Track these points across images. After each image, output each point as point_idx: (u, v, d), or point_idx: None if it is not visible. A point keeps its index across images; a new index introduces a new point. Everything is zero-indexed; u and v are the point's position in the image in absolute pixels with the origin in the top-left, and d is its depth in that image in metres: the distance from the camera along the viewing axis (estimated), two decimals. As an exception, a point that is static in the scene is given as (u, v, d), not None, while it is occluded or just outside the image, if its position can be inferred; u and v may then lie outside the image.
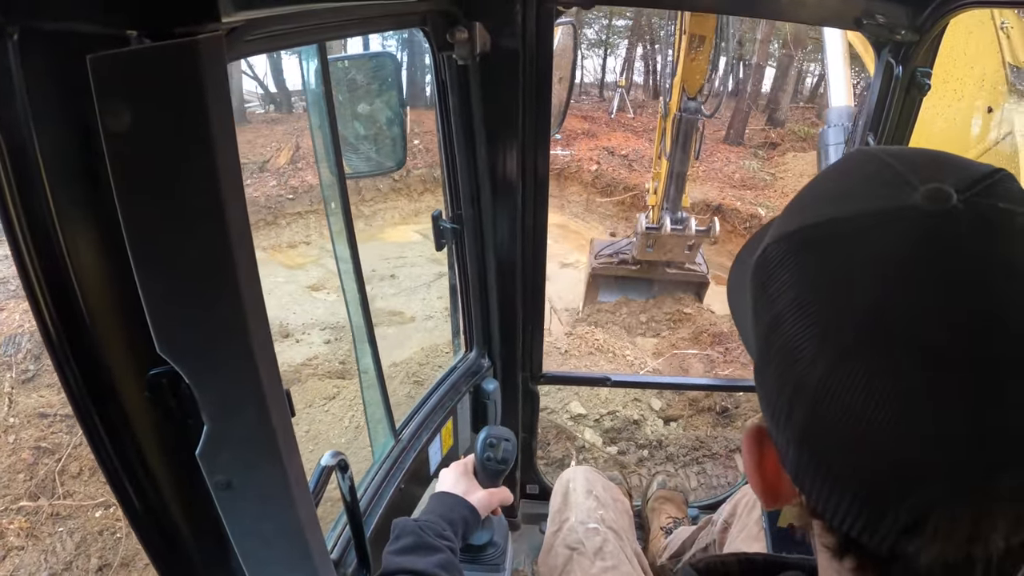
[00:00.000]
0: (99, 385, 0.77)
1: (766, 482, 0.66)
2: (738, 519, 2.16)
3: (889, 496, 0.53)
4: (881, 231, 0.54)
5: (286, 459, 0.89)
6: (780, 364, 0.58)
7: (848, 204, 0.58)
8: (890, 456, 0.51)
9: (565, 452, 5.09)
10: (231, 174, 0.70)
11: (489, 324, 2.57)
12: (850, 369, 0.53)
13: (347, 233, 1.77)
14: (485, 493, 1.73)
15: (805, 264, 0.58)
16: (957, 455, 0.50)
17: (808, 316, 0.56)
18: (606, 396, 5.56)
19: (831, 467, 0.56)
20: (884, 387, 0.51)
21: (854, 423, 0.52)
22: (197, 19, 0.66)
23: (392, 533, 1.53)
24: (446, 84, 1.95)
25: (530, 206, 2.31)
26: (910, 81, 2.18)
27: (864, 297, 0.53)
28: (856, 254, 0.55)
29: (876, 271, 0.53)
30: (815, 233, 0.59)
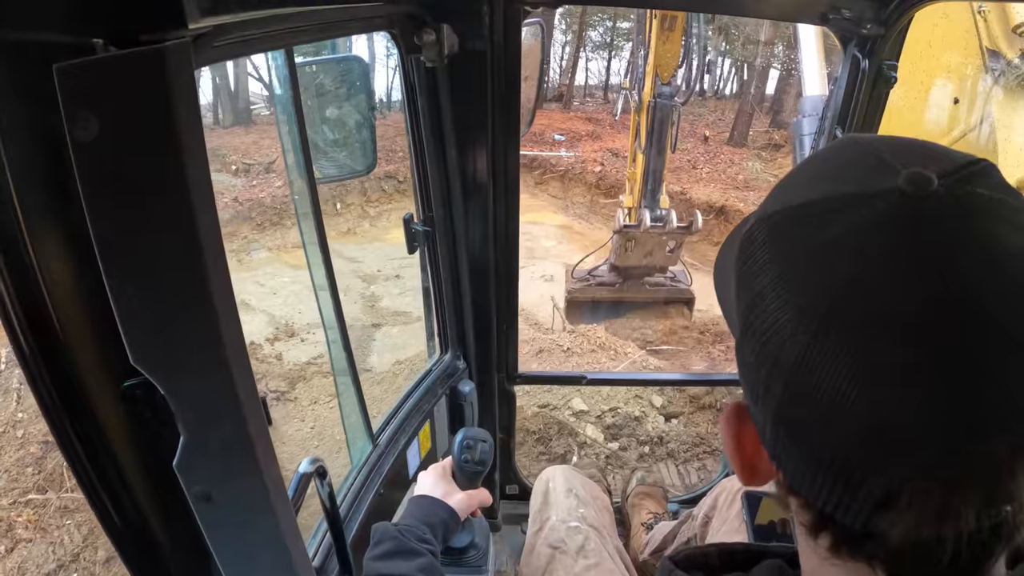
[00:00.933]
0: (73, 398, 0.76)
1: (745, 459, 0.68)
2: (719, 513, 2.17)
3: (863, 470, 0.54)
4: (860, 211, 0.56)
5: (264, 468, 0.88)
6: (759, 340, 0.60)
7: (830, 186, 0.59)
8: (863, 430, 0.53)
9: (567, 448, 5.13)
10: (201, 182, 0.69)
11: (463, 325, 2.56)
12: (825, 344, 0.54)
13: (319, 238, 1.76)
14: (464, 495, 1.73)
15: (786, 242, 0.60)
16: (929, 429, 0.51)
17: (786, 293, 0.58)
18: (607, 393, 5.62)
19: (807, 442, 0.57)
20: (858, 361, 0.53)
21: (829, 397, 0.54)
22: (163, 26, 0.65)
23: (372, 538, 1.53)
24: (415, 86, 1.94)
25: (501, 206, 2.31)
26: (877, 74, 2.21)
27: (841, 274, 0.54)
28: (835, 233, 0.56)
29: (854, 249, 0.54)
30: (796, 213, 0.60)
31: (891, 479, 0.53)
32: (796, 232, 0.59)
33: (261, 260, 12.96)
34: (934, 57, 4.36)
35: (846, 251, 0.55)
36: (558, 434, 5.24)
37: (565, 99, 27.34)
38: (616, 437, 5.32)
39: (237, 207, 13.72)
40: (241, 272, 12.24)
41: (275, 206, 14.08)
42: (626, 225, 8.86)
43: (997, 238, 0.53)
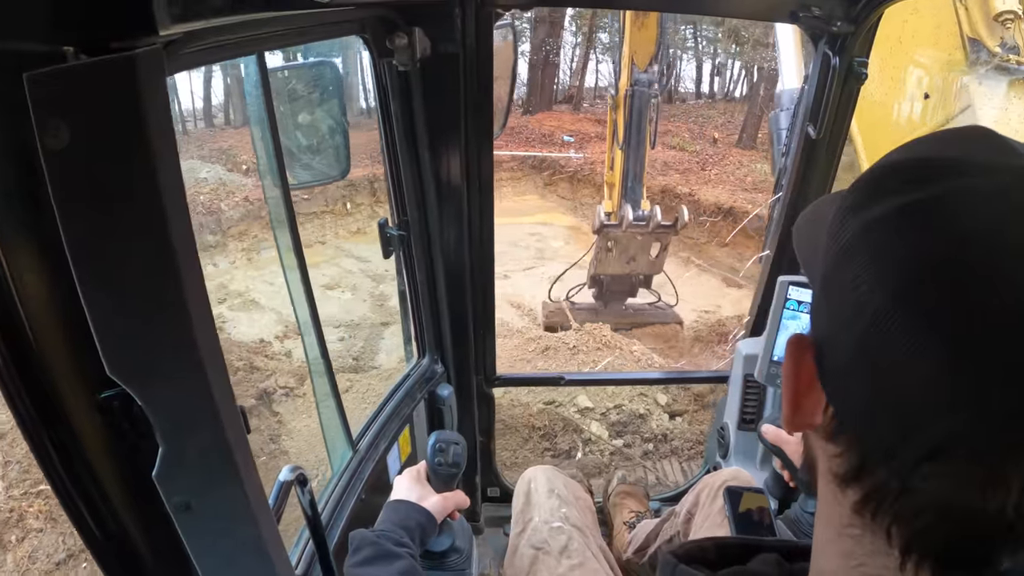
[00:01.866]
0: (50, 410, 0.75)
1: (797, 393, 0.67)
2: (701, 508, 2.18)
3: (925, 415, 0.54)
4: (992, 176, 0.56)
5: (244, 476, 0.88)
6: (858, 266, 0.59)
7: (964, 149, 0.60)
8: (939, 376, 0.53)
9: (572, 444, 5.17)
10: (173, 188, 0.69)
11: (440, 329, 2.56)
12: (924, 294, 0.54)
13: (294, 245, 1.75)
14: (439, 497, 1.74)
15: (911, 185, 0.59)
16: (1001, 392, 0.51)
17: (901, 233, 0.57)
18: (613, 391, 5.63)
19: (879, 375, 0.57)
20: (948, 324, 0.52)
21: (913, 352, 0.53)
22: (134, 33, 0.65)
23: (350, 546, 1.53)
24: (387, 90, 1.94)
25: (476, 208, 2.31)
26: (847, 71, 2.24)
27: (955, 235, 0.54)
28: (960, 187, 0.56)
29: (974, 215, 0.54)
30: (931, 164, 0.60)
31: (949, 430, 0.53)
32: (919, 178, 0.59)
33: (270, 259, 12.87)
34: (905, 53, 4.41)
35: (964, 211, 0.55)
36: (563, 430, 5.29)
37: (575, 101, 27.23)
38: (621, 434, 5.36)
39: (248, 206, 13.66)
40: (251, 271, 12.21)
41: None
42: (606, 224, 8.29)
43: None
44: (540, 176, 19.83)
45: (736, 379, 2.86)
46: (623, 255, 8.36)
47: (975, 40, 4.13)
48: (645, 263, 8.54)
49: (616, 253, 8.35)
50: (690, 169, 18.66)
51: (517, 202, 18.42)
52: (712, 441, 3.18)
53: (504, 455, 5.08)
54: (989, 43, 4.04)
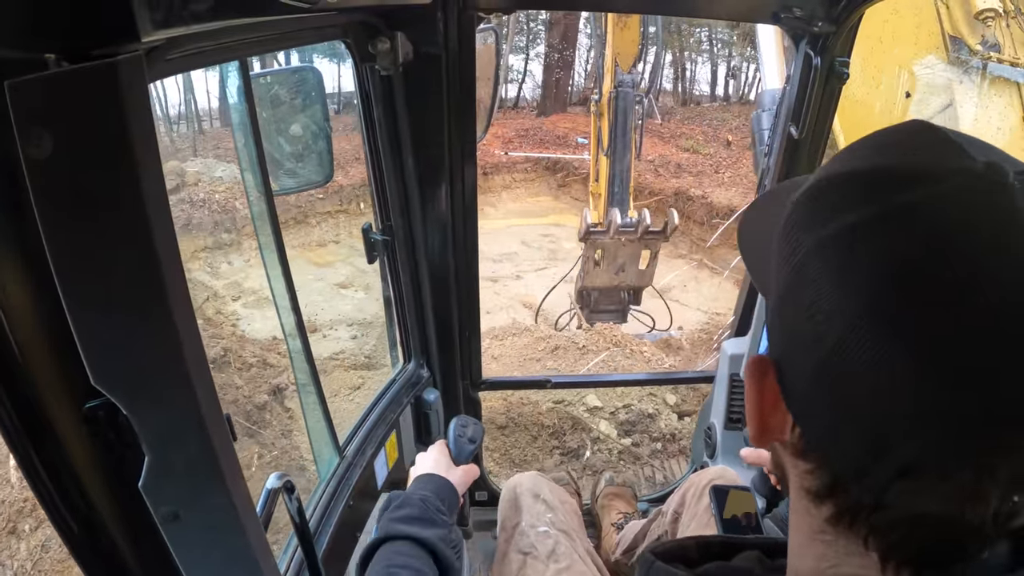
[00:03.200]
0: (34, 421, 0.75)
1: (762, 414, 0.67)
2: (687, 508, 2.19)
3: (896, 435, 0.54)
4: (938, 183, 0.55)
5: (231, 485, 0.87)
6: (813, 291, 0.58)
7: (908, 156, 0.59)
8: (907, 397, 0.52)
9: (580, 443, 5.15)
10: (156, 196, 0.69)
11: (426, 334, 2.55)
12: (888, 309, 0.53)
13: (278, 252, 1.74)
14: (461, 470, 1.79)
15: (856, 200, 0.58)
16: (974, 411, 0.50)
17: (859, 246, 0.56)
18: (622, 390, 5.64)
19: (845, 400, 0.56)
20: (918, 334, 0.52)
21: (878, 366, 0.53)
22: (116, 40, 0.64)
23: (389, 502, 1.56)
24: (370, 95, 1.93)
25: (460, 213, 2.31)
26: (829, 71, 2.25)
27: (917, 239, 0.53)
28: (907, 199, 0.55)
29: (930, 218, 0.54)
30: (867, 176, 0.59)
31: (919, 448, 0.53)
32: (869, 192, 0.58)
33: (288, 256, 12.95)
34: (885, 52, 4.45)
35: (921, 219, 0.54)
36: (572, 429, 5.30)
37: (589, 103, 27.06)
38: (629, 433, 5.36)
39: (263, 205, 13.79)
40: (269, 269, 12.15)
41: (299, 204, 14.11)
42: (592, 231, 7.64)
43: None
44: (554, 178, 19.88)
45: (722, 379, 2.87)
46: (611, 265, 7.87)
47: (956, 38, 4.17)
48: (634, 274, 8.01)
49: (604, 264, 7.85)
50: (704, 172, 18.67)
51: (531, 203, 18.58)
52: (699, 441, 3.19)
53: (513, 452, 5.11)
54: (970, 41, 4.08)
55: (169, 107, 18.35)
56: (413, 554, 1.42)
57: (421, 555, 1.43)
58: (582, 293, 8.48)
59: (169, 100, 18.07)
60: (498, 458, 5.05)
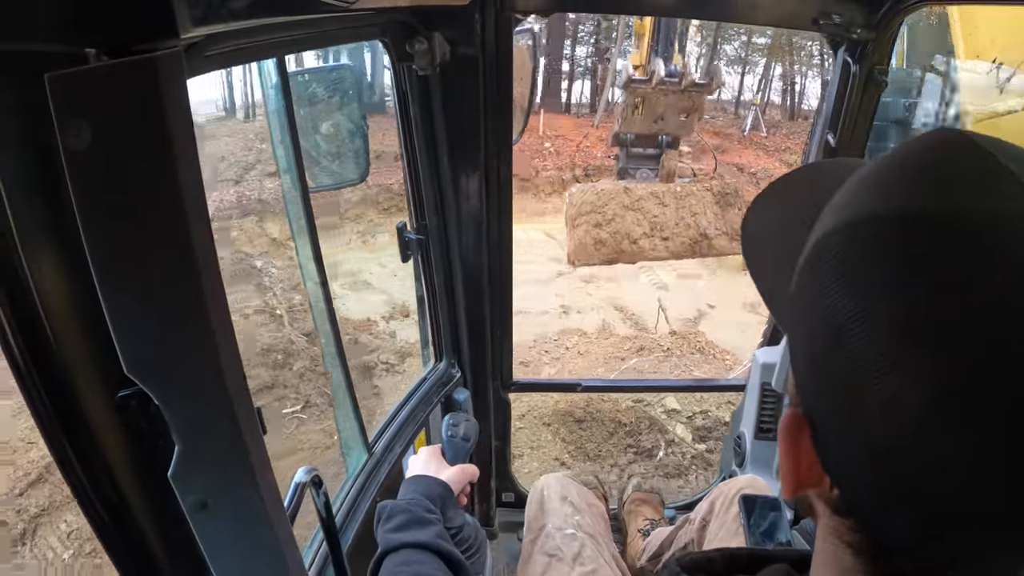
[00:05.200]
0: (68, 409, 0.76)
1: (798, 476, 0.61)
2: (716, 517, 2.17)
3: (952, 521, 0.49)
4: (993, 236, 0.48)
5: (260, 477, 0.88)
6: (856, 359, 0.51)
7: (973, 196, 0.50)
8: (971, 492, 0.47)
9: (655, 443, 5.22)
10: (193, 191, 0.69)
11: (458, 334, 2.56)
12: (968, 398, 0.46)
13: (313, 250, 1.75)
14: (455, 469, 1.76)
15: (912, 254, 0.50)
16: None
17: (929, 327, 0.48)
18: (700, 396, 5.67)
19: (895, 482, 0.51)
20: (998, 427, 0.46)
21: (946, 455, 0.47)
22: (156, 36, 0.65)
23: (380, 514, 1.54)
24: (407, 94, 1.94)
25: (495, 213, 2.31)
26: (867, 79, 2.23)
27: (975, 316, 0.47)
28: (983, 245, 0.48)
29: (992, 283, 0.47)
30: (952, 227, 0.49)
31: (981, 539, 0.49)
32: (950, 252, 0.49)
33: (384, 243, 13.07)
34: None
35: (983, 283, 0.47)
36: (648, 429, 5.35)
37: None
38: (704, 439, 5.39)
39: (366, 190, 13.98)
40: (365, 252, 12.48)
41: (400, 192, 14.33)
42: (633, 79, 7.12)
43: None
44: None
45: (753, 388, 2.84)
46: (650, 114, 7.41)
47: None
48: (674, 123, 7.53)
49: (643, 112, 7.40)
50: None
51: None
52: (728, 450, 3.16)
53: (588, 447, 5.19)
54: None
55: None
56: (417, 559, 1.42)
57: (425, 559, 1.42)
58: (618, 136, 7.88)
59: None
60: (572, 451, 5.11)
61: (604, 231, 6.56)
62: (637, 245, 6.53)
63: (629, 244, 6.43)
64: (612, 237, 6.55)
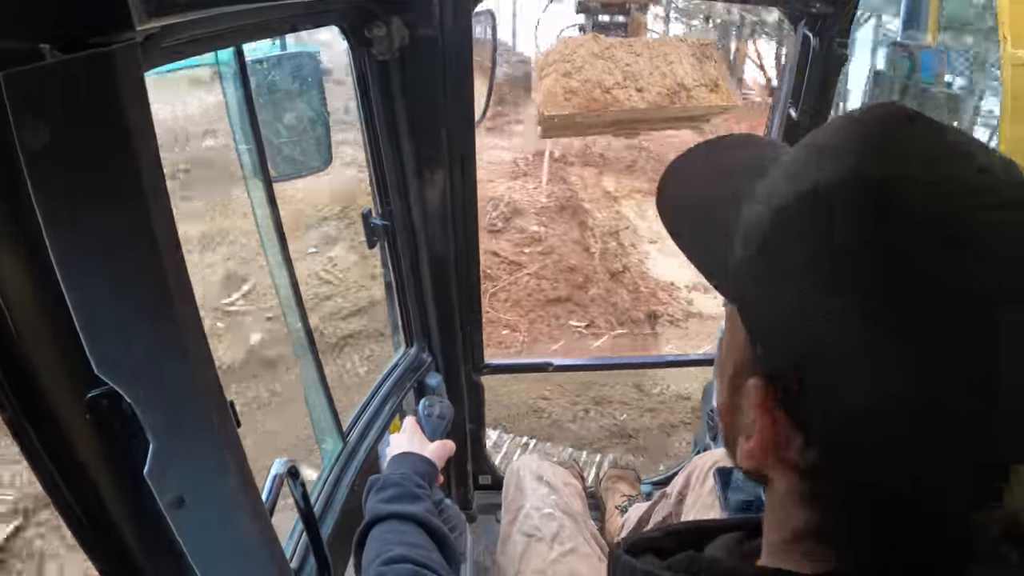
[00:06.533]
0: (38, 412, 0.75)
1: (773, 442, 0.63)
2: (692, 490, 2.19)
3: (908, 461, 0.53)
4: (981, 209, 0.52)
5: (236, 471, 0.88)
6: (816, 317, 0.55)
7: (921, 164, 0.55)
8: (923, 424, 0.52)
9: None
10: (155, 184, 0.69)
11: (427, 318, 2.56)
12: (902, 332, 0.52)
13: (278, 239, 1.74)
14: (436, 444, 1.81)
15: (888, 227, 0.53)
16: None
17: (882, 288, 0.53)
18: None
19: (862, 430, 0.55)
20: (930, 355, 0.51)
21: (896, 390, 0.52)
22: (111, 28, 0.64)
23: (372, 486, 1.58)
24: (367, 80, 1.93)
25: (459, 196, 2.31)
26: (827, 52, 2.24)
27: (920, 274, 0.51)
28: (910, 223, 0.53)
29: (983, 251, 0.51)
30: (897, 192, 0.54)
31: (934, 466, 0.53)
32: (893, 216, 0.53)
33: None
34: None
35: (917, 246, 0.52)
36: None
37: None
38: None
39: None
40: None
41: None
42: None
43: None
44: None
45: (723, 361, 2.86)
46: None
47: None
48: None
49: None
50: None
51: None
52: (702, 424, 3.19)
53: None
54: None
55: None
56: (404, 530, 1.45)
57: (411, 529, 1.45)
58: (582, 2, 7.44)
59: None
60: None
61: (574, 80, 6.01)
62: (611, 95, 5.98)
63: (602, 94, 5.99)
64: (583, 86, 6.01)
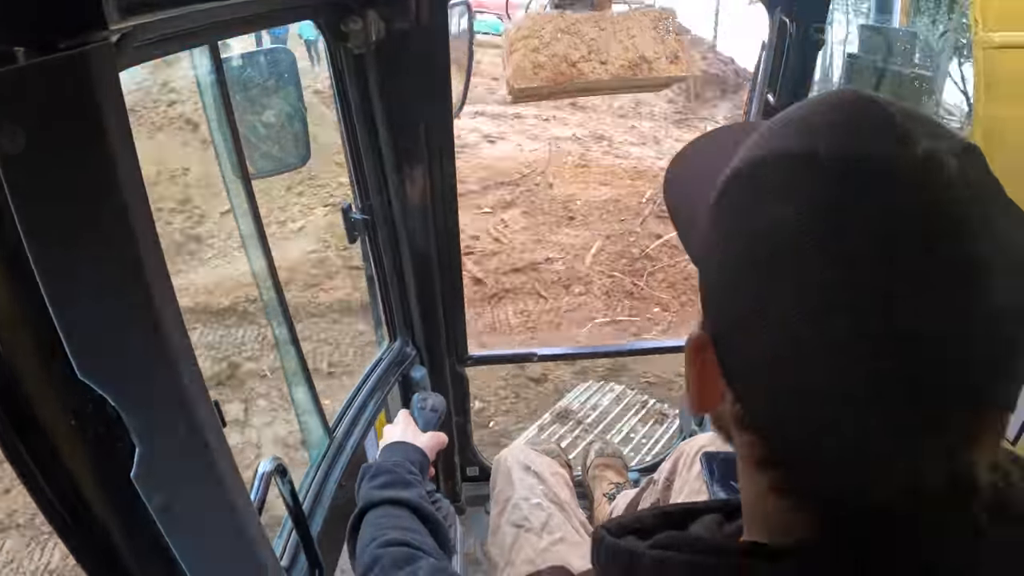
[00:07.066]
0: (23, 418, 0.74)
1: (701, 390, 0.68)
2: (679, 475, 2.20)
3: (835, 419, 0.55)
4: (877, 177, 0.54)
5: (223, 471, 0.88)
6: (751, 280, 0.59)
7: (844, 140, 0.57)
8: (849, 385, 0.53)
9: None
10: (133, 185, 0.68)
11: (410, 312, 2.55)
12: (833, 296, 0.53)
13: (258, 236, 1.73)
14: (429, 435, 1.82)
15: (795, 192, 0.57)
16: (915, 391, 0.52)
17: (792, 244, 0.55)
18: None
19: (784, 385, 0.57)
20: (855, 329, 0.52)
21: (818, 353, 0.54)
22: (84, 29, 0.63)
23: (365, 473, 1.59)
24: (343, 74, 1.92)
25: (438, 189, 2.31)
26: (804, 37, 2.25)
27: (851, 239, 0.53)
28: (848, 194, 0.54)
29: (865, 220, 0.53)
30: (812, 163, 0.56)
31: (864, 431, 0.54)
32: (803, 183, 0.56)
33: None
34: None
35: (855, 216, 0.53)
36: None
37: None
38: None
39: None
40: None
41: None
42: None
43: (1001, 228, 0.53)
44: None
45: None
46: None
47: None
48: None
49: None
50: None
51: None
52: (688, 409, 3.20)
53: None
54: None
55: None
56: (398, 515, 1.46)
57: (406, 515, 1.46)
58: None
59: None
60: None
61: (542, 55, 6.18)
62: (576, 68, 6.12)
63: (568, 67, 6.07)
64: (550, 60, 6.14)
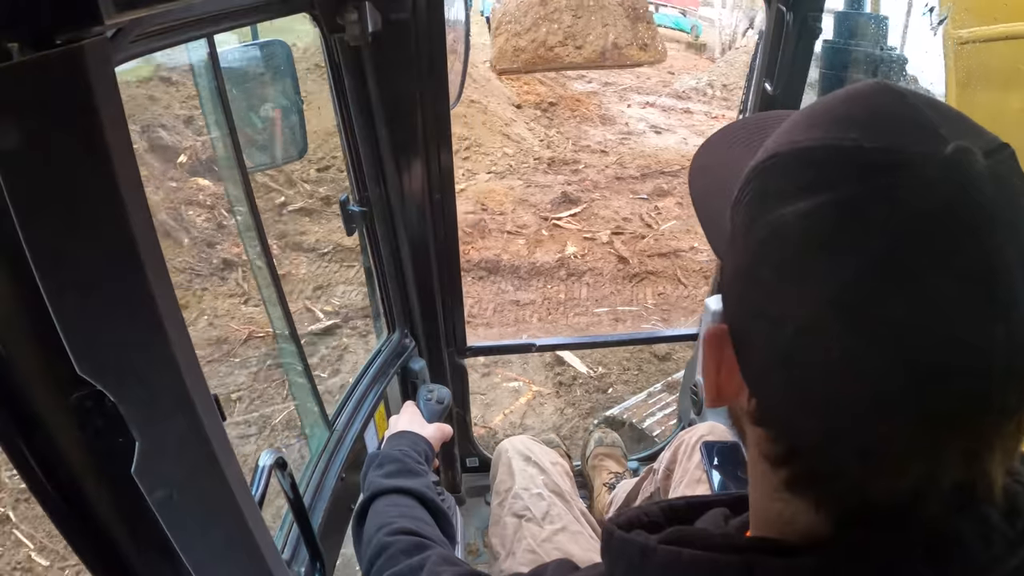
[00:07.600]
0: (21, 415, 0.74)
1: (719, 386, 0.67)
2: (679, 464, 2.21)
3: (852, 421, 0.55)
4: (906, 174, 0.53)
5: (224, 465, 0.88)
6: (772, 273, 0.58)
7: (873, 135, 0.55)
8: (865, 390, 0.53)
9: None
10: (130, 181, 0.68)
11: (409, 303, 2.56)
12: (853, 301, 0.53)
13: (257, 230, 1.73)
14: (434, 426, 1.84)
15: (824, 185, 0.56)
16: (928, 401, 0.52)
17: (821, 238, 0.55)
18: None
19: (802, 383, 0.57)
20: (882, 329, 0.52)
21: (839, 355, 0.53)
22: (79, 24, 0.63)
23: (371, 462, 1.61)
24: (339, 66, 1.91)
25: (436, 180, 2.31)
26: (801, 26, 2.24)
27: (877, 238, 0.52)
28: (877, 184, 0.53)
29: (892, 218, 0.52)
30: (842, 157, 0.56)
31: (878, 435, 0.54)
32: (833, 176, 0.55)
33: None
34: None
35: (881, 213, 0.52)
36: None
37: None
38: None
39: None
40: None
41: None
42: None
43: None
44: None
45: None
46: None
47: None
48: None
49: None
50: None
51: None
52: (685, 399, 3.20)
53: None
54: None
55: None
56: (404, 503, 1.47)
57: (413, 504, 1.47)
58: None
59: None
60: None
61: (523, 39, 6.49)
62: (553, 52, 6.32)
63: (545, 51, 6.29)
64: (530, 44, 6.40)
